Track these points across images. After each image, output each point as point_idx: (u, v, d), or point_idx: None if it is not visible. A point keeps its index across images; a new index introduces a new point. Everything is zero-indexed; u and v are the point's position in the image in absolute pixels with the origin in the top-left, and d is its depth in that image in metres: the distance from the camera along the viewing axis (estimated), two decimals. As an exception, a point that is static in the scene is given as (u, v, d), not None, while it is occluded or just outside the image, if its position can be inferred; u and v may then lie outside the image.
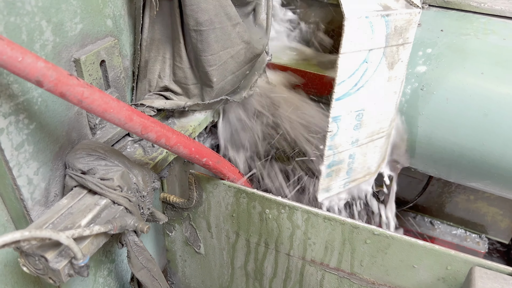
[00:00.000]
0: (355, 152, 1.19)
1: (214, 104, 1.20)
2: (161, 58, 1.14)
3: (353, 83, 1.04)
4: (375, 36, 1.00)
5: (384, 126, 1.20)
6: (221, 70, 1.13)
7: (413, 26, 1.05)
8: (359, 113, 1.11)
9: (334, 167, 1.18)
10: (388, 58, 1.06)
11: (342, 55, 0.97)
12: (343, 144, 1.14)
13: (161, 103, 1.12)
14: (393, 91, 1.14)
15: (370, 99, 1.10)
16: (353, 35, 0.96)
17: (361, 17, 0.95)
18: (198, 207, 1.20)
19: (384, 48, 1.03)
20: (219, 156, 1.03)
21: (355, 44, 0.98)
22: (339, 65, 0.98)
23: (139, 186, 0.97)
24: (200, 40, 1.06)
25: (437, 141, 1.22)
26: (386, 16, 0.99)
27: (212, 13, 1.04)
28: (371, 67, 1.05)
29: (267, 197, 1.06)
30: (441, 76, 1.19)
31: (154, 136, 0.85)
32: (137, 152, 1.07)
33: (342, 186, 1.26)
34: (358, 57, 1.01)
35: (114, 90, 1.01)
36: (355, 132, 1.14)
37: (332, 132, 1.09)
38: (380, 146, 1.24)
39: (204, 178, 1.12)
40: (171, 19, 1.08)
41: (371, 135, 1.19)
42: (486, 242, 1.88)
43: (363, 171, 1.28)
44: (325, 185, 1.20)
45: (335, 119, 1.08)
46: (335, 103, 1.04)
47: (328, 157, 1.14)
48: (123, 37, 1.03)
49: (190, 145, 0.93)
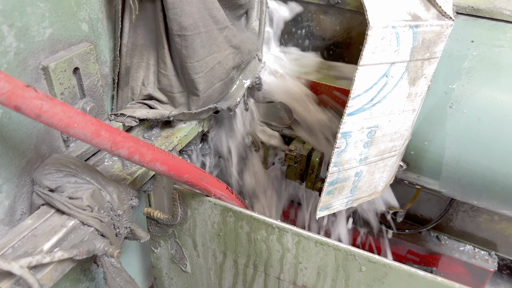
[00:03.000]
0: (362, 170, 1.08)
1: (202, 113, 1.12)
2: (145, 65, 1.06)
3: (369, 98, 0.93)
4: (400, 48, 0.88)
5: (398, 145, 1.09)
6: (208, 77, 1.05)
7: (443, 40, 0.93)
8: (371, 130, 0.99)
9: (338, 184, 1.07)
10: (411, 73, 0.94)
11: (361, 67, 0.85)
12: (350, 161, 1.03)
13: (144, 112, 1.04)
14: (412, 108, 1.02)
15: (385, 116, 0.99)
16: (376, 46, 0.84)
17: (387, 26, 0.83)
18: (183, 224, 1.12)
19: (408, 62, 0.92)
20: (203, 172, 0.95)
21: (377, 56, 0.86)
22: (356, 77, 0.87)
23: (113, 205, 0.89)
24: (184, 46, 0.98)
25: (467, 164, 1.11)
26: (415, 27, 0.87)
27: (196, 16, 0.96)
28: (391, 82, 0.93)
29: (255, 217, 0.98)
30: (473, 92, 1.07)
31: (126, 152, 0.77)
32: (115, 166, 0.99)
33: (344, 204, 1.15)
34: (378, 71, 0.89)
35: (90, 100, 0.93)
36: (364, 150, 1.03)
37: (339, 149, 0.98)
38: (390, 165, 1.13)
39: (189, 194, 1.04)
40: (155, 23, 1.00)
41: (382, 154, 1.08)
42: (495, 260, 1.77)
43: (369, 190, 1.17)
44: (325, 202, 1.10)
45: (345, 135, 0.96)
46: (347, 118, 0.92)
47: (332, 174, 1.03)
48: (101, 42, 0.95)
49: (169, 161, 0.85)
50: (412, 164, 1.24)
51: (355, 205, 1.18)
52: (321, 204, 1.08)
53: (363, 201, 1.19)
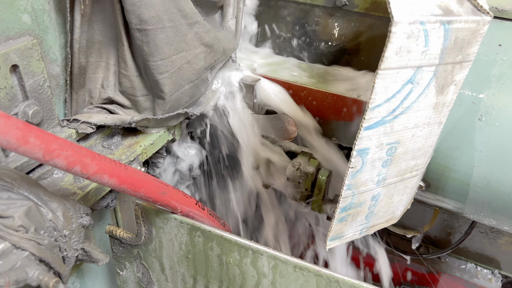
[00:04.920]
0: (380, 193, 0.94)
1: (170, 119, 1.00)
2: (104, 64, 0.94)
3: (391, 108, 0.78)
4: (428, 49, 0.73)
5: (420, 163, 0.94)
6: (175, 78, 0.93)
7: (478, 40, 0.78)
8: (392, 147, 0.85)
9: (351, 210, 0.92)
10: (439, 79, 0.80)
11: (382, 71, 0.71)
12: (366, 183, 0.89)
13: (101, 118, 0.92)
14: (439, 121, 0.88)
15: (408, 130, 0.84)
16: (401, 46, 0.70)
17: (415, 22, 0.69)
18: (149, 245, 0.99)
19: (437, 66, 0.77)
20: (165, 185, 0.83)
21: (402, 58, 0.72)
22: (377, 84, 0.72)
23: (57, 224, 0.76)
24: (146, 42, 0.86)
25: (499, 185, 0.97)
26: (446, 23, 0.72)
27: (159, 8, 0.84)
28: (416, 90, 0.78)
29: (226, 237, 0.85)
30: (506, 102, 0.94)
31: (63, 163, 0.64)
32: (66, 179, 0.87)
33: (358, 232, 1.00)
34: (402, 76, 0.75)
35: (35, 102, 0.81)
36: (383, 170, 0.88)
37: (354, 169, 0.83)
38: (410, 186, 0.98)
39: (152, 211, 0.92)
40: (114, 17, 0.88)
41: (403, 174, 0.93)
42: (499, 279, 1.63)
43: (386, 216, 1.02)
44: (336, 231, 0.95)
45: (361, 153, 0.82)
46: (364, 132, 0.78)
47: (345, 198, 0.88)
48: (49, 38, 0.84)
49: (120, 173, 0.72)
50: (434, 185, 1.09)
51: (370, 233, 1.03)
52: (332, 233, 0.93)
53: (379, 228, 1.03)
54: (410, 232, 1.36)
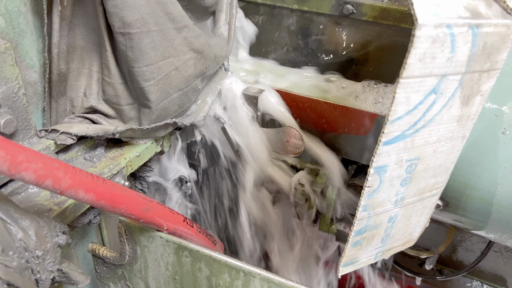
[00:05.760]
0: (397, 214, 0.86)
1: (157, 130, 0.94)
2: (87, 71, 0.88)
3: (412, 121, 0.72)
4: (455, 55, 0.67)
5: (440, 181, 0.87)
6: (161, 86, 0.87)
7: (508, 45, 0.71)
8: (412, 163, 0.78)
9: (367, 233, 0.85)
10: (465, 89, 0.73)
11: (404, 80, 0.65)
12: (383, 204, 0.82)
13: (82, 128, 0.86)
14: (462, 135, 0.81)
15: (430, 145, 0.78)
16: (425, 52, 0.64)
17: (441, 25, 0.62)
18: (133, 265, 0.91)
19: (463, 74, 0.70)
20: (150, 200, 0.76)
21: (426, 66, 0.65)
22: (398, 94, 0.66)
23: (28, 244, 0.69)
24: (130, 46, 0.81)
25: None
26: (475, 27, 0.65)
27: (144, 11, 0.79)
28: (440, 101, 0.72)
29: (215, 258, 0.78)
30: None
31: (32, 177, 0.58)
32: (42, 195, 0.80)
33: (373, 257, 0.93)
34: (425, 85, 0.68)
35: (8, 111, 0.75)
36: (402, 189, 0.81)
37: (371, 188, 0.76)
38: (429, 206, 0.91)
39: (137, 228, 0.85)
40: (96, 21, 0.83)
41: (422, 193, 0.86)
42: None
43: (403, 238, 0.94)
44: (350, 256, 0.88)
45: (379, 170, 0.75)
46: (383, 147, 0.71)
47: (360, 221, 0.81)
48: (25, 42, 0.78)
49: (97, 188, 0.66)
50: (453, 204, 1.02)
51: (386, 257, 0.95)
52: (345, 258, 0.86)
53: (395, 251, 0.96)
54: (423, 253, 1.28)
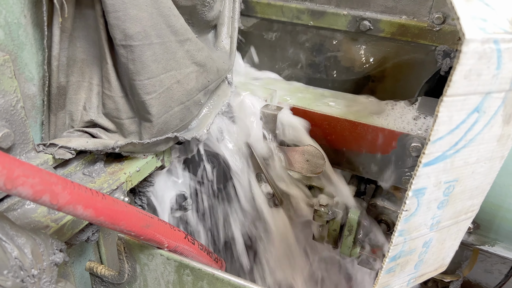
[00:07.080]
0: (432, 239, 0.83)
1: (158, 144, 0.92)
2: (87, 85, 0.87)
3: (454, 141, 0.69)
4: (500, 72, 0.63)
5: (476, 203, 0.84)
6: (163, 99, 0.85)
7: None
8: (450, 185, 0.76)
9: (401, 259, 0.82)
10: (507, 107, 0.69)
11: (448, 98, 0.61)
12: (419, 228, 0.79)
13: (82, 142, 0.84)
14: (501, 155, 0.78)
15: (469, 166, 0.75)
16: (471, 69, 0.60)
17: (488, 40, 0.59)
18: (133, 284, 0.88)
19: (507, 92, 0.67)
20: (150, 217, 0.74)
21: (471, 83, 0.62)
22: (441, 113, 0.63)
23: (24, 263, 0.66)
24: (131, 59, 0.79)
25: None
26: None
27: (146, 23, 0.78)
28: (482, 120, 0.68)
29: (217, 276, 0.75)
30: None
31: (29, 192, 0.56)
32: (39, 211, 0.77)
33: (406, 283, 0.90)
34: (469, 103, 0.65)
35: (5, 124, 0.73)
36: (438, 212, 0.78)
37: (409, 211, 0.73)
38: (463, 230, 0.87)
39: (136, 246, 0.82)
40: (97, 33, 0.82)
41: (457, 216, 0.83)
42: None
43: (436, 264, 0.91)
44: (383, 283, 0.85)
45: (417, 193, 0.72)
46: (423, 169, 0.68)
47: (395, 246, 0.77)
48: (24, 54, 0.76)
49: (96, 203, 0.64)
50: (484, 226, 0.98)
51: (417, 283, 0.92)
52: (378, 286, 0.83)
53: (427, 277, 0.93)
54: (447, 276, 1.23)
